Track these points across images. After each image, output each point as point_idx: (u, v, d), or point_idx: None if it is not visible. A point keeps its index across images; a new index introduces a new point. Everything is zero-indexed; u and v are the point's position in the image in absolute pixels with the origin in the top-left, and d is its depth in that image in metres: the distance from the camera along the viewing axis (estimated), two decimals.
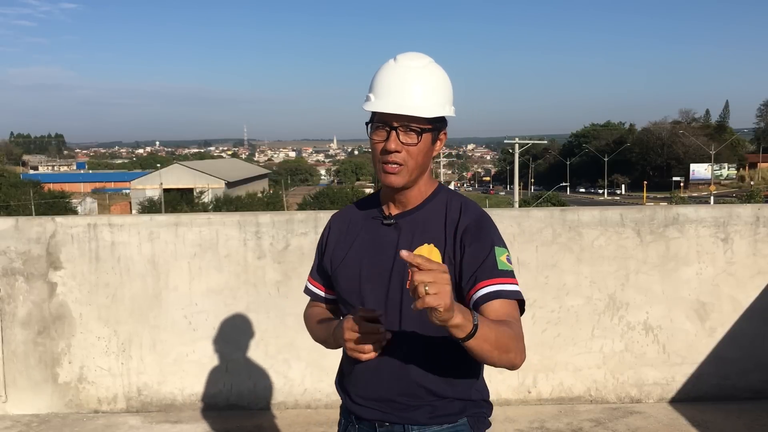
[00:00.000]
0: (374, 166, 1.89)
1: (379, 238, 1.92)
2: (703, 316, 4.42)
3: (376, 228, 1.95)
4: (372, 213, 1.98)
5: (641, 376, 4.45)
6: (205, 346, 4.43)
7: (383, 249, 1.90)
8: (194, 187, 75.86)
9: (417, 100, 1.80)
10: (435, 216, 1.90)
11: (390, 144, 1.80)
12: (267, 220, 4.42)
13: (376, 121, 1.83)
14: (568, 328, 4.41)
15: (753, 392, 4.43)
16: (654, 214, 4.42)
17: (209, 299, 4.41)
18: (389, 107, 1.79)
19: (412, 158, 1.82)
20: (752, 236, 4.39)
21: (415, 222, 1.90)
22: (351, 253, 1.96)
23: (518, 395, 4.46)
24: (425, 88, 1.81)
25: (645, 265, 4.40)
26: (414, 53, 1.86)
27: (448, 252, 1.84)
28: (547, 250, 4.40)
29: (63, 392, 4.46)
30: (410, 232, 1.89)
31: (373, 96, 1.83)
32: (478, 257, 1.82)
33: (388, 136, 1.80)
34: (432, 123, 1.83)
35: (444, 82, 1.87)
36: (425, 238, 1.87)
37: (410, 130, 1.80)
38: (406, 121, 1.79)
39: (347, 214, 2.06)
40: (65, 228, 4.40)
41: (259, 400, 4.47)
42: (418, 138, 1.81)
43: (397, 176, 1.83)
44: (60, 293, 4.41)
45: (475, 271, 1.80)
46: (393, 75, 1.82)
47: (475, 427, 1.96)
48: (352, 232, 2.00)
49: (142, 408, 4.47)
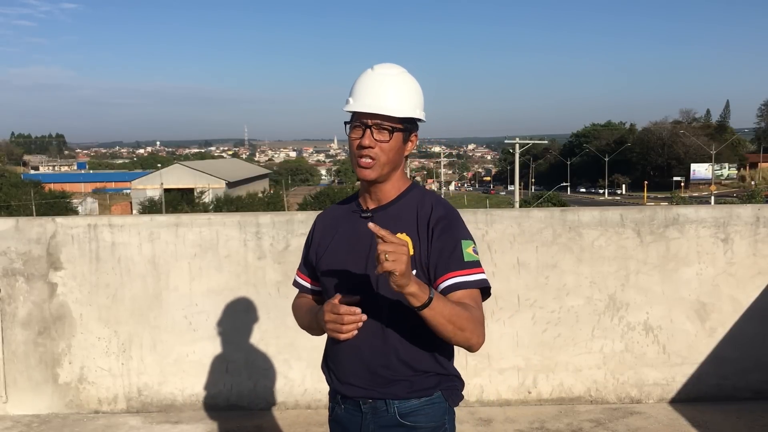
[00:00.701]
0: (351, 162, 2.11)
1: (357, 230, 2.10)
2: (703, 317, 4.42)
3: (355, 221, 2.14)
4: (351, 208, 2.20)
5: (641, 376, 4.45)
6: (206, 347, 4.43)
7: (360, 239, 2.08)
8: (195, 187, 75.86)
9: (389, 102, 2.03)
10: (408, 210, 2.10)
11: (364, 140, 2.02)
12: (267, 220, 4.43)
13: (353, 120, 2.06)
14: (569, 329, 4.41)
15: (753, 392, 4.43)
16: (654, 215, 4.42)
17: (209, 300, 4.41)
18: (364, 107, 2.03)
19: (384, 154, 2.04)
20: (752, 236, 4.39)
21: (389, 215, 2.10)
22: (333, 244, 2.16)
23: (518, 395, 4.46)
24: (397, 93, 2.05)
25: (645, 266, 4.40)
26: (389, 64, 2.10)
27: (421, 242, 2.03)
28: (547, 250, 4.40)
29: (63, 393, 4.47)
30: (385, 223, 1.99)
31: (352, 99, 2.07)
32: (445, 250, 2.03)
33: (363, 133, 2.03)
34: (403, 124, 2.06)
35: (415, 88, 2.10)
36: (398, 229, 2.03)
37: (382, 128, 2.03)
38: (379, 120, 2.02)
39: (331, 211, 2.30)
40: (65, 228, 4.40)
41: (260, 400, 4.47)
42: (390, 135, 2.03)
43: (370, 170, 2.04)
44: (60, 294, 4.42)
45: (442, 263, 2.01)
46: (369, 81, 2.07)
47: (449, 399, 2.09)
48: (334, 225, 2.20)
49: (143, 408, 4.47)
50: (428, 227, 2.04)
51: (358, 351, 2.04)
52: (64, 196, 68.48)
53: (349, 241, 2.12)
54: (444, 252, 2.02)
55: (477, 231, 4.30)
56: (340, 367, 2.10)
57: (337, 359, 2.11)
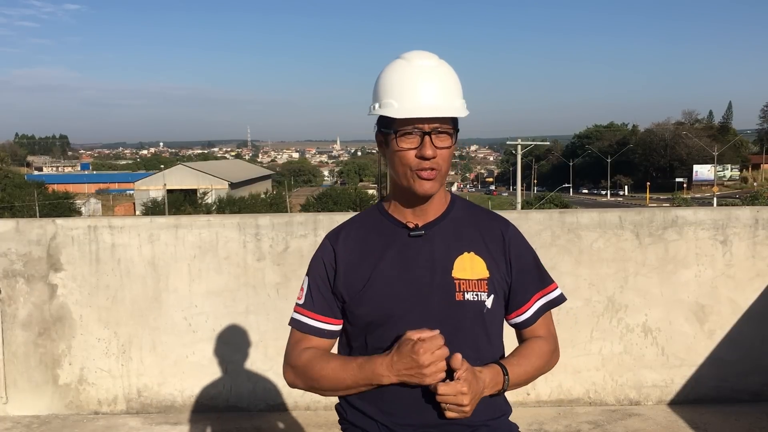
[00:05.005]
0: (401, 176, 1.75)
1: (409, 252, 1.79)
2: (701, 319, 4.42)
3: (402, 242, 1.81)
4: (388, 227, 1.84)
5: (640, 378, 4.46)
6: (205, 348, 4.45)
7: (417, 263, 1.78)
8: (198, 187, 76.04)
9: (446, 100, 1.72)
10: (464, 224, 1.84)
11: (427, 150, 1.69)
12: (266, 222, 4.44)
13: (399, 126, 1.71)
14: (567, 330, 4.42)
15: (751, 395, 4.43)
16: (653, 217, 4.43)
17: (209, 301, 4.42)
18: (424, 111, 1.68)
19: (446, 162, 1.74)
20: (751, 239, 4.39)
21: (446, 233, 1.81)
22: (376, 274, 1.78)
23: (517, 397, 4.47)
24: (450, 88, 1.74)
25: (644, 268, 4.41)
26: (421, 51, 1.77)
27: (498, 263, 1.83)
28: (546, 252, 4.40)
29: (63, 394, 4.48)
30: (444, 242, 1.80)
31: (394, 101, 1.70)
32: (525, 271, 1.88)
33: (422, 141, 1.69)
34: (455, 124, 1.76)
35: (457, 78, 1.79)
36: (463, 249, 1.80)
37: (442, 132, 1.71)
38: (438, 123, 1.70)
39: (352, 232, 1.88)
40: (65, 230, 4.42)
41: (259, 401, 4.48)
42: (452, 141, 1.73)
43: (434, 182, 1.73)
44: (60, 295, 4.43)
45: (527, 285, 1.88)
46: (413, 76, 1.72)
47: None
48: (369, 250, 1.82)
49: (142, 409, 4.49)
50: (504, 247, 1.84)
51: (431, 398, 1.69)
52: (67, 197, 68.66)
53: (400, 268, 1.78)
54: (526, 273, 1.87)
55: None
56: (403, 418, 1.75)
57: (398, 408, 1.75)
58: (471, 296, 1.77)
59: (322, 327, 1.86)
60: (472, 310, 1.77)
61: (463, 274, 1.77)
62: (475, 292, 1.77)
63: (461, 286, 1.76)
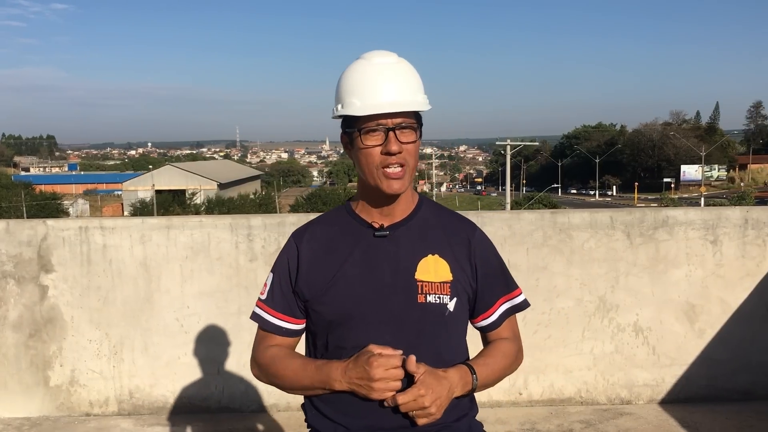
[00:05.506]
0: (367, 175, 1.73)
1: (374, 253, 1.78)
2: (692, 318, 4.45)
3: (367, 242, 1.80)
4: (354, 226, 1.82)
5: (631, 377, 4.48)
6: (197, 349, 4.44)
7: (380, 264, 1.77)
8: (186, 188, 75.75)
9: (408, 95, 1.71)
10: (430, 226, 1.83)
11: (392, 146, 1.68)
12: (258, 222, 4.43)
13: (363, 124, 1.70)
14: (559, 330, 4.44)
15: (741, 393, 4.47)
16: (643, 217, 4.45)
17: (201, 302, 4.41)
18: (385, 107, 1.67)
19: (412, 158, 1.72)
20: (741, 238, 4.43)
21: (411, 232, 1.80)
22: (339, 273, 1.78)
23: (509, 397, 4.48)
24: (410, 83, 1.73)
25: (635, 267, 4.43)
26: (380, 51, 1.77)
27: (463, 266, 1.82)
28: (537, 252, 4.42)
29: (54, 395, 4.46)
30: (408, 243, 1.79)
31: (356, 100, 1.69)
32: (491, 275, 1.87)
33: (387, 137, 1.68)
34: (418, 119, 1.75)
35: (417, 74, 1.78)
36: (428, 250, 1.79)
37: (406, 128, 1.70)
38: (401, 119, 1.69)
39: (318, 231, 1.87)
40: (56, 231, 4.40)
41: (251, 402, 4.47)
42: (416, 135, 1.72)
43: (401, 180, 1.72)
44: (51, 296, 4.41)
45: (492, 289, 1.87)
46: (373, 74, 1.71)
47: None
48: (333, 249, 1.81)
49: (134, 411, 4.47)
50: (470, 251, 1.82)
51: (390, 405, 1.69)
52: (55, 198, 68.19)
53: (363, 269, 1.77)
54: (491, 277, 1.86)
55: None
56: (362, 420, 1.76)
57: (357, 410, 1.75)
58: (433, 299, 1.76)
59: (282, 326, 1.89)
60: (434, 313, 1.76)
61: (426, 276, 1.77)
62: (438, 295, 1.76)
63: (424, 288, 1.76)
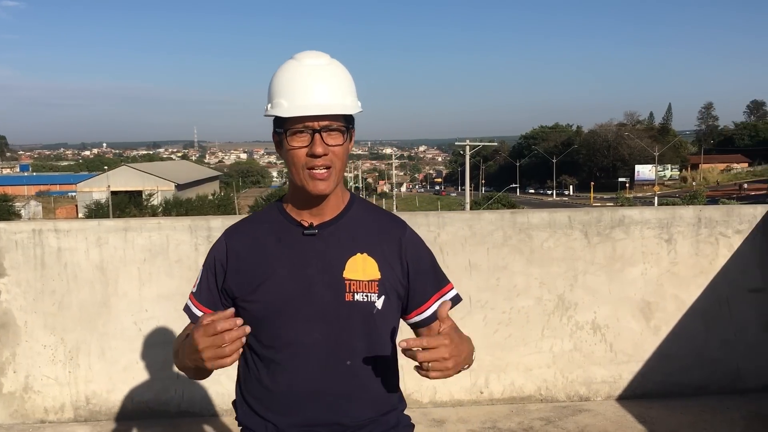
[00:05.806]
0: (294, 175, 1.75)
1: (301, 251, 1.78)
2: (648, 315, 4.55)
3: (295, 240, 1.80)
4: (283, 225, 1.82)
5: (590, 374, 4.56)
6: (156, 353, 4.36)
7: (309, 262, 1.77)
8: (143, 189, 74.56)
9: (337, 98, 1.71)
10: (360, 224, 1.84)
11: (317, 148, 1.68)
12: (218, 224, 4.38)
13: (289, 125, 1.70)
14: (519, 329, 4.49)
15: (695, 389, 4.57)
16: (600, 216, 4.53)
17: (160, 305, 4.34)
18: (311, 109, 1.67)
19: (339, 160, 1.73)
20: (694, 237, 4.53)
21: (340, 231, 1.81)
22: (268, 271, 1.78)
23: (470, 396, 4.52)
24: (340, 85, 1.73)
25: (592, 266, 4.51)
26: (312, 51, 1.76)
27: (393, 265, 1.83)
28: (498, 252, 4.46)
29: (7, 402, 4.34)
30: (337, 242, 1.79)
31: (284, 101, 1.69)
32: (422, 272, 1.89)
33: (312, 139, 1.69)
34: (348, 121, 1.75)
35: (349, 76, 1.79)
36: (357, 249, 1.79)
37: (333, 130, 1.70)
38: (328, 121, 1.69)
39: (248, 229, 1.87)
40: (9, 234, 4.28)
41: (211, 406, 4.42)
42: (344, 137, 1.73)
43: (327, 182, 1.72)
44: (4, 301, 4.29)
45: (425, 286, 1.89)
46: (302, 75, 1.70)
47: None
48: (262, 247, 1.81)
49: (91, 417, 4.38)
50: (400, 250, 1.84)
51: (319, 396, 1.76)
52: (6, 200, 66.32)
53: (290, 267, 1.77)
54: (423, 274, 1.88)
55: (429, 234, 4.34)
56: (291, 416, 1.77)
57: (281, 404, 1.78)
58: (361, 297, 1.76)
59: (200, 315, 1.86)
60: (362, 311, 1.77)
61: (354, 274, 1.77)
62: (365, 293, 1.77)
63: (351, 286, 1.76)
